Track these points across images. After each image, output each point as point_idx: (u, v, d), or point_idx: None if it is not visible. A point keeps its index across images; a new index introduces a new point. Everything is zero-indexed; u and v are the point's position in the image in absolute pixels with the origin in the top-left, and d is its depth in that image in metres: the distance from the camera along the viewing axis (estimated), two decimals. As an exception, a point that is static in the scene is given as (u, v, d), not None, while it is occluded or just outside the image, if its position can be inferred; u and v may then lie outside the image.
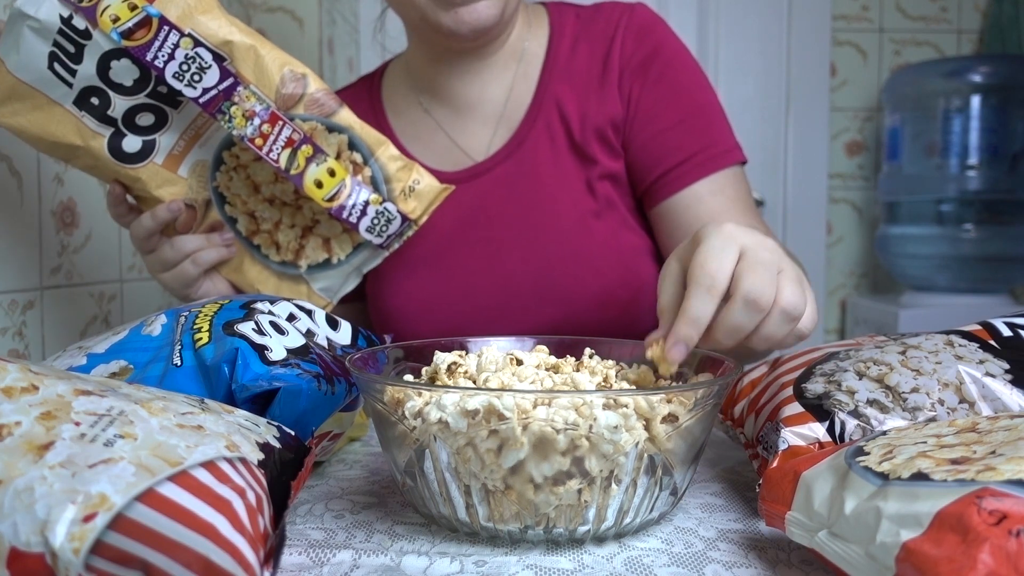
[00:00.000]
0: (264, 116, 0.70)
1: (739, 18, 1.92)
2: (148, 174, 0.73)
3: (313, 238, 0.79)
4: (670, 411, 0.43)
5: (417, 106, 0.91)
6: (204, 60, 0.68)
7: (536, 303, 0.85)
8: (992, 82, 1.70)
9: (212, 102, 0.69)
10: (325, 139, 0.73)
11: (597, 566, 0.41)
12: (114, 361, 0.54)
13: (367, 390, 0.46)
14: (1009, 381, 0.48)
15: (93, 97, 0.69)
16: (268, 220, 0.78)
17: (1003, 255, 1.73)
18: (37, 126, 0.69)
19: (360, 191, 0.74)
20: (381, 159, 0.75)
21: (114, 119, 0.70)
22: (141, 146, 0.72)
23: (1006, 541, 0.29)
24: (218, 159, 0.75)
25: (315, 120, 0.73)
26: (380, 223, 0.75)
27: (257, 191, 0.77)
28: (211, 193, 0.76)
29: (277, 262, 0.79)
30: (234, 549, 0.33)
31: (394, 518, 0.48)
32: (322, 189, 0.73)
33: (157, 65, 0.67)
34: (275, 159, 0.71)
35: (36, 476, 0.33)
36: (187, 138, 0.73)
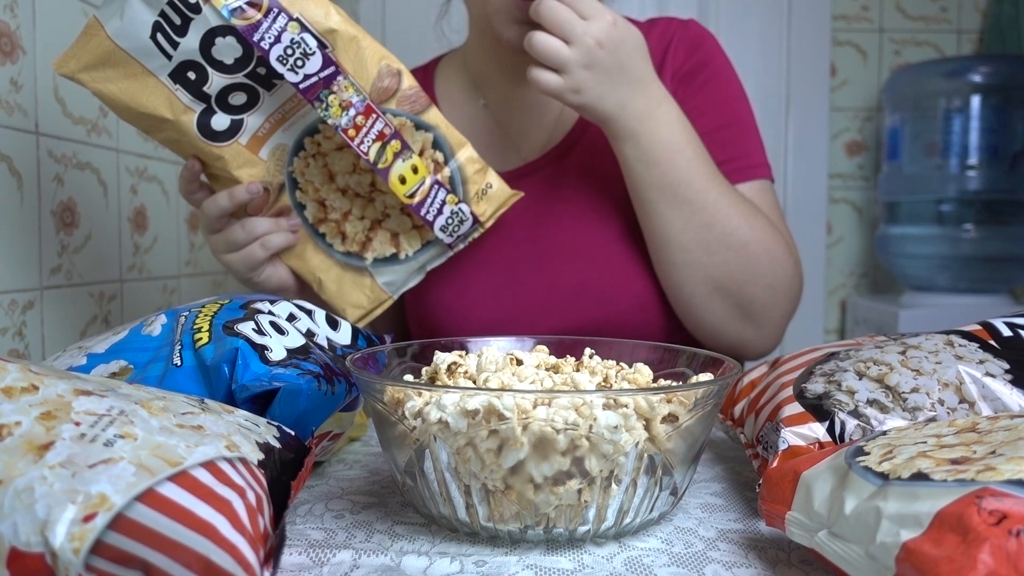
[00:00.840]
0: (360, 108, 0.71)
1: (739, 18, 1.92)
2: (231, 153, 0.73)
3: (382, 232, 0.80)
4: (670, 411, 0.43)
5: (474, 101, 0.93)
6: (308, 46, 0.68)
7: (579, 303, 0.86)
8: (992, 82, 1.70)
9: (312, 89, 0.70)
10: (412, 135, 0.75)
11: (597, 566, 0.41)
12: (114, 361, 0.54)
13: (367, 390, 0.46)
14: (1009, 381, 0.48)
15: (190, 72, 0.68)
16: (338, 210, 0.79)
17: (1003, 255, 1.73)
18: (127, 95, 0.69)
19: (439, 191, 0.76)
20: (460, 160, 0.77)
21: (208, 95, 0.70)
22: (229, 125, 0.72)
23: (1006, 541, 0.29)
24: (299, 144, 0.76)
25: (405, 116, 0.74)
26: (453, 223, 0.77)
27: (332, 180, 0.78)
28: (285, 177, 0.77)
29: (341, 252, 0.80)
30: (234, 549, 0.33)
31: (394, 518, 0.49)
32: (405, 185, 0.75)
33: (263, 47, 0.67)
34: (365, 151, 0.72)
35: (36, 476, 0.33)
36: (273, 120, 0.74)
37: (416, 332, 0.96)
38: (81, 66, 0.68)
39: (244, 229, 0.77)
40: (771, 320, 0.83)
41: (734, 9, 1.91)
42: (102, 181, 0.95)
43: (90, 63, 0.68)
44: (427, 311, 0.90)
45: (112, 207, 0.97)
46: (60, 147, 0.87)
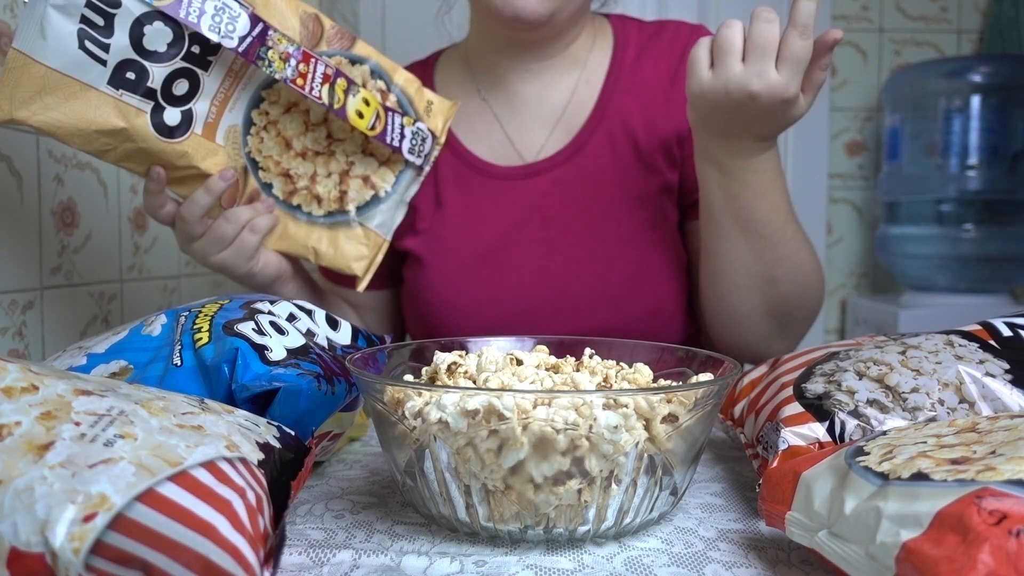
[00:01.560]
0: (298, 56, 0.71)
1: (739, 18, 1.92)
2: (192, 146, 0.72)
3: (353, 180, 0.80)
4: (670, 411, 0.43)
5: (475, 96, 0.93)
6: (232, 9, 0.68)
7: (587, 308, 0.86)
8: (992, 82, 1.70)
9: (250, 49, 0.69)
10: (351, 71, 0.76)
11: (597, 566, 0.41)
12: (114, 361, 0.54)
13: (367, 390, 0.46)
14: (1009, 381, 0.48)
15: (128, 72, 0.66)
16: (304, 176, 0.78)
17: (1003, 255, 1.73)
18: (74, 116, 0.65)
19: (393, 116, 0.77)
20: (400, 83, 0.79)
21: (153, 91, 0.68)
22: (181, 118, 0.71)
23: (1006, 541, 0.29)
24: (248, 121, 0.75)
25: (338, 55, 0.76)
26: (417, 142, 0.79)
27: (289, 147, 0.77)
28: (245, 159, 0.76)
29: (323, 215, 0.80)
30: (234, 549, 0.33)
31: (394, 518, 0.48)
32: (363, 119, 0.75)
33: (191, 21, 0.66)
34: (318, 96, 0.72)
35: (36, 476, 0.33)
36: (217, 103, 0.73)
37: (417, 334, 0.95)
38: (17, 103, 0.63)
39: (229, 221, 0.76)
40: (802, 333, 0.86)
41: (734, 9, 1.91)
42: (102, 181, 0.95)
43: (25, 97, 0.63)
44: (426, 307, 0.90)
45: (112, 207, 0.97)
46: (60, 147, 0.87)
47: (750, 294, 0.80)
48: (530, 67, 0.90)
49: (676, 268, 0.88)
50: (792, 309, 0.82)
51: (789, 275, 0.79)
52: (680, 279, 0.88)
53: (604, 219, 0.86)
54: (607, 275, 0.86)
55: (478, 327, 0.87)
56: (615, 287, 0.85)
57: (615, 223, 0.86)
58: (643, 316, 0.86)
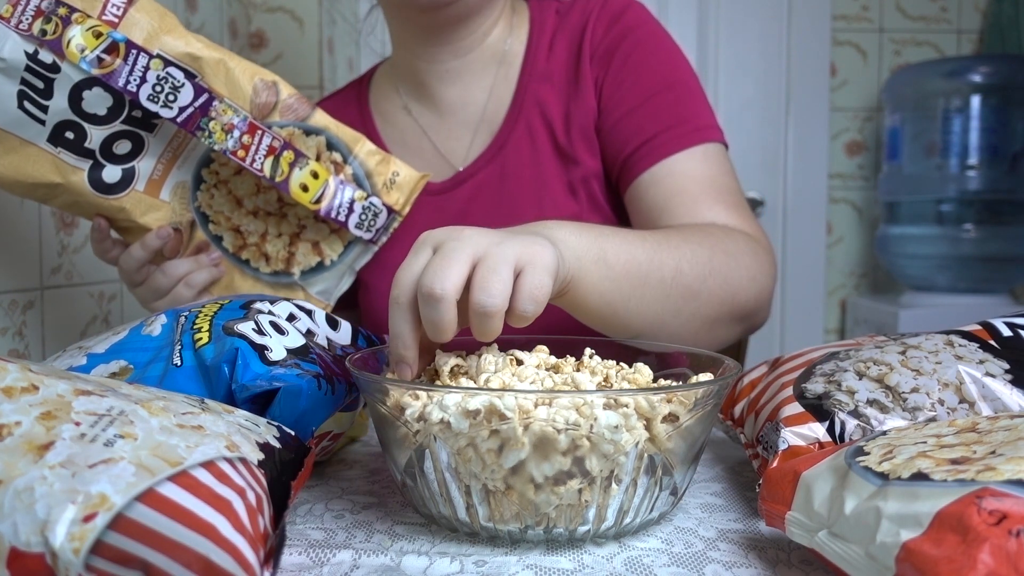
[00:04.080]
0: (243, 127, 0.70)
1: (739, 18, 1.92)
2: (132, 203, 0.72)
3: (302, 244, 0.79)
4: (670, 411, 0.43)
5: (402, 110, 0.90)
6: (176, 79, 0.68)
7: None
8: (992, 82, 1.70)
9: (190, 120, 0.69)
10: (304, 143, 0.74)
11: (597, 566, 0.41)
12: (114, 361, 0.54)
13: (368, 391, 0.46)
14: (1009, 381, 0.48)
15: (68, 131, 0.68)
16: (254, 233, 0.78)
17: (1003, 255, 1.73)
18: (13, 169, 0.67)
19: (344, 189, 0.75)
20: (360, 156, 0.76)
21: (91, 151, 0.69)
22: (121, 175, 0.71)
23: (1006, 541, 0.29)
24: (198, 178, 0.75)
25: (291, 125, 0.73)
26: (368, 218, 0.76)
27: (240, 205, 0.77)
28: (194, 213, 0.76)
29: (268, 273, 0.79)
30: (234, 549, 0.33)
31: (394, 518, 0.48)
32: (308, 192, 0.73)
33: (131, 90, 0.67)
34: (259, 168, 0.71)
35: (36, 476, 0.33)
36: (165, 161, 0.73)
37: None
38: None
39: (165, 275, 0.75)
40: (762, 307, 0.76)
41: (734, 9, 1.91)
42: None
43: None
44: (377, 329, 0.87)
45: (112, 207, 0.97)
46: (60, 147, 0.87)
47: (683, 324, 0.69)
48: (448, 67, 0.85)
49: None
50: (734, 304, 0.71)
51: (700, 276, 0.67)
52: None
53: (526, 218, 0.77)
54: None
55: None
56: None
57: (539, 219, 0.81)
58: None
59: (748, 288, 0.73)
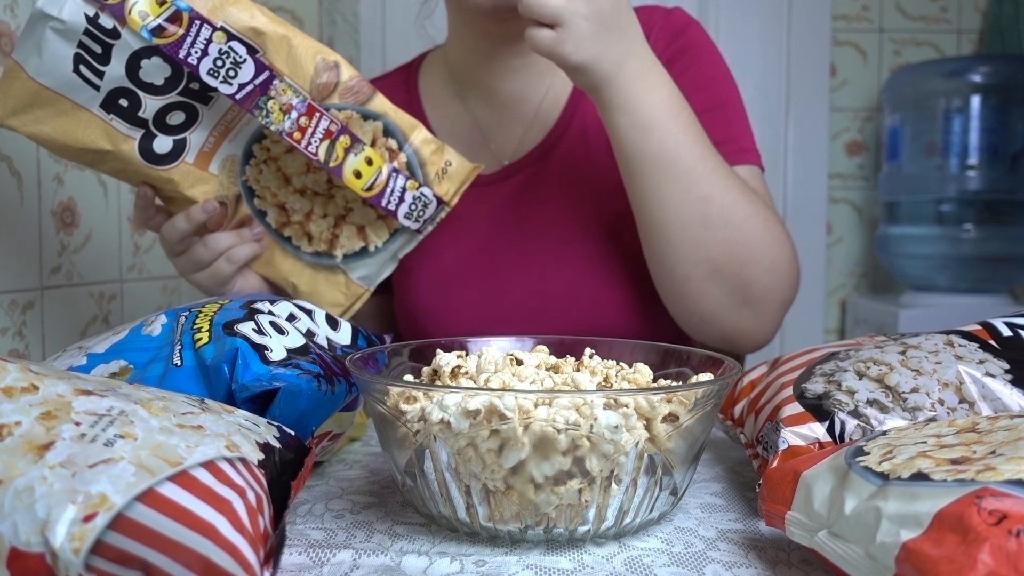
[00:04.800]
0: (301, 109, 0.68)
1: (739, 18, 1.91)
2: (180, 174, 0.71)
3: (347, 227, 0.78)
4: (670, 411, 0.43)
5: (455, 98, 0.91)
6: (239, 54, 0.65)
7: (565, 307, 0.85)
8: (992, 82, 1.70)
9: (248, 98, 0.67)
10: (360, 127, 0.72)
11: (597, 566, 0.41)
12: (114, 361, 0.54)
13: (367, 391, 0.46)
14: (1009, 381, 0.48)
15: (122, 99, 0.66)
16: (299, 211, 0.77)
17: (1003, 255, 1.73)
18: (62, 133, 0.66)
19: (397, 178, 0.74)
20: (415, 143, 0.75)
21: (145, 120, 0.67)
22: (172, 146, 0.70)
23: (1006, 541, 0.29)
24: (248, 153, 0.74)
25: (350, 109, 0.71)
26: (417, 208, 0.76)
27: (288, 183, 0.76)
28: (240, 187, 0.75)
29: (310, 253, 0.78)
30: (234, 549, 0.33)
31: (394, 518, 0.48)
32: (361, 179, 0.72)
33: (191, 62, 0.64)
34: (314, 152, 0.70)
35: (36, 476, 0.33)
36: (217, 134, 0.71)
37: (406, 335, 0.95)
38: (8, 111, 0.65)
39: (207, 247, 0.75)
40: (771, 306, 0.78)
41: (734, 9, 1.91)
42: (102, 181, 0.95)
43: (17, 107, 0.65)
44: (412, 314, 0.89)
45: (112, 207, 0.97)
46: (60, 147, 0.87)
47: (685, 248, 0.74)
48: (508, 64, 0.88)
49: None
50: (744, 265, 0.74)
51: (721, 216, 0.73)
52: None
53: (577, 216, 0.85)
54: (581, 274, 0.84)
55: (459, 330, 0.86)
56: (588, 285, 0.84)
57: (588, 220, 0.85)
58: (619, 315, 0.84)
59: (763, 275, 0.76)
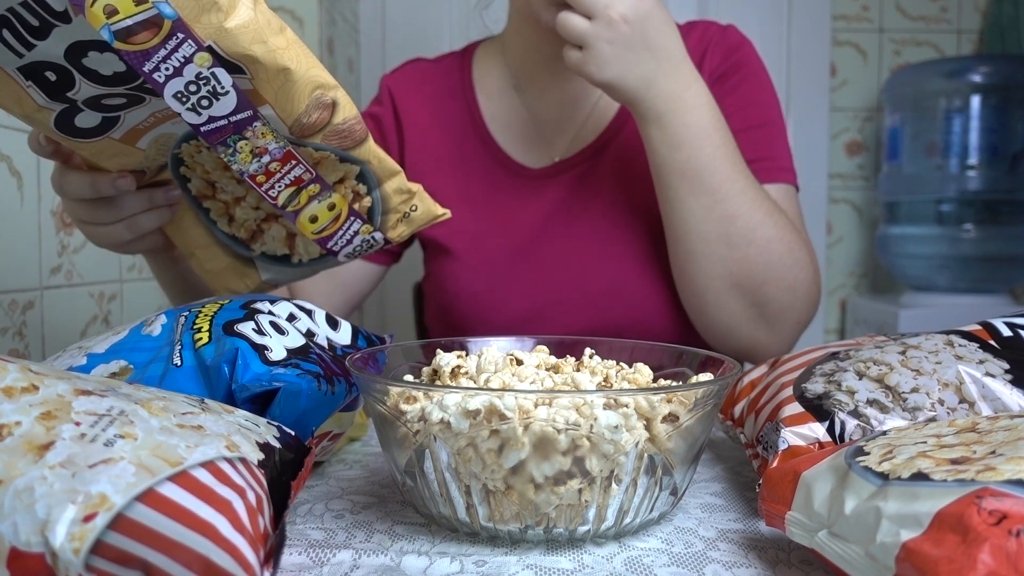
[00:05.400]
0: (277, 155, 0.58)
1: (739, 18, 1.91)
2: (98, 148, 0.59)
3: (276, 227, 0.69)
4: (670, 411, 0.43)
5: (511, 91, 0.93)
6: (220, 85, 0.52)
7: (609, 304, 0.86)
8: (992, 82, 1.70)
9: (216, 133, 0.55)
10: (333, 167, 0.62)
11: (597, 566, 0.41)
12: (114, 361, 0.54)
13: (367, 391, 0.46)
14: (1009, 381, 0.48)
15: (50, 72, 0.52)
16: (229, 193, 0.67)
17: (1003, 255, 1.73)
18: None
19: (353, 222, 0.66)
20: (387, 190, 0.65)
21: (72, 100, 0.54)
22: (100, 122, 0.56)
23: (1006, 541, 0.29)
24: (191, 136, 0.60)
25: (329, 150, 0.60)
26: (362, 248, 0.69)
27: (227, 168, 0.63)
28: (169, 159, 0.63)
29: (226, 233, 0.69)
30: (234, 549, 0.33)
31: (394, 518, 0.49)
32: (315, 223, 0.65)
33: (155, 79, 0.51)
34: (274, 196, 0.61)
35: (36, 476, 0.33)
36: (160, 115, 0.57)
37: (436, 323, 0.95)
38: None
39: (110, 210, 0.66)
40: (787, 324, 0.81)
41: (734, 9, 1.91)
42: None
43: None
44: (456, 299, 0.90)
45: (112, 207, 0.97)
46: (60, 147, 0.87)
47: (705, 261, 0.77)
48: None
49: None
50: (763, 283, 0.78)
51: (743, 236, 0.76)
52: None
53: (624, 216, 0.87)
54: (628, 270, 0.86)
55: (504, 321, 0.87)
56: (637, 283, 0.86)
57: (635, 220, 0.87)
58: (663, 311, 0.86)
59: (782, 294, 0.79)
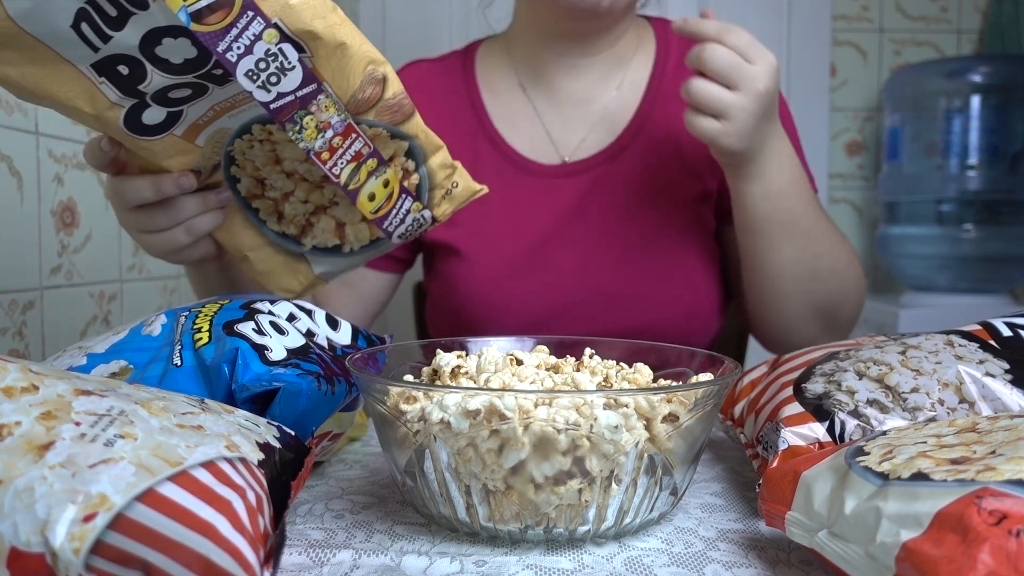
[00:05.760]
0: (339, 129, 0.60)
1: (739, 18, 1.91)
2: (162, 147, 0.61)
3: (325, 219, 0.70)
4: (670, 411, 0.43)
5: (517, 89, 0.93)
6: (287, 60, 0.54)
7: (625, 308, 0.87)
8: (992, 82, 1.70)
9: (285, 109, 0.57)
10: (386, 144, 0.64)
11: (597, 566, 0.41)
12: (114, 361, 0.54)
13: (367, 391, 0.46)
14: (1009, 381, 0.48)
15: (123, 66, 0.54)
16: (278, 189, 0.69)
17: (1003, 255, 1.73)
18: (32, 82, 0.55)
19: (405, 200, 0.68)
20: (432, 165, 0.67)
21: (143, 93, 0.56)
22: (165, 117, 0.59)
23: (1006, 541, 0.29)
24: (245, 128, 0.64)
25: (382, 127, 0.63)
26: (412, 229, 0.71)
27: (278, 163, 0.67)
28: (222, 157, 0.66)
29: (276, 231, 0.71)
30: (234, 549, 0.33)
31: (394, 518, 0.49)
32: (373, 202, 0.66)
33: (229, 59, 0.53)
34: (337, 174, 0.62)
35: (36, 476, 0.33)
36: (219, 108, 0.61)
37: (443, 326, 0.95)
38: None
39: (168, 214, 0.66)
40: (848, 327, 0.88)
41: (734, 9, 1.91)
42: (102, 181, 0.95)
43: None
44: (468, 307, 0.89)
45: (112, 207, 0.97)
46: (60, 147, 0.87)
47: (796, 296, 0.82)
48: (576, 62, 0.90)
49: (711, 272, 0.89)
50: (837, 304, 0.84)
51: (830, 269, 0.82)
52: (715, 283, 0.89)
53: (644, 222, 0.87)
54: (645, 277, 0.86)
55: (515, 324, 0.87)
56: (652, 290, 0.86)
57: (655, 226, 0.87)
58: (678, 318, 0.87)
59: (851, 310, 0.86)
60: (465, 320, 0.89)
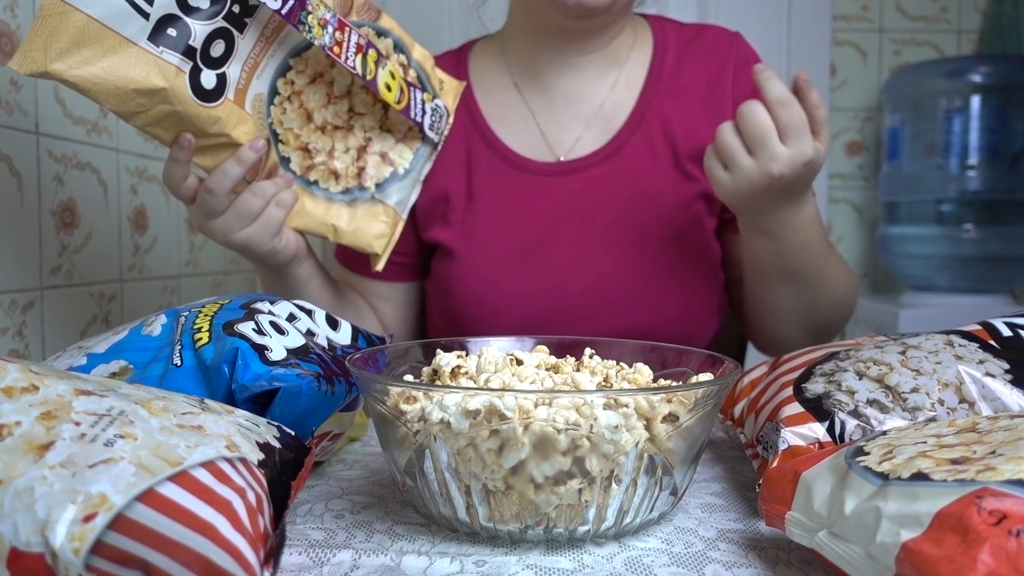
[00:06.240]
0: (334, 23, 0.70)
1: (739, 18, 1.91)
2: (226, 112, 0.69)
3: (371, 156, 0.79)
4: (670, 411, 0.43)
5: (511, 88, 0.92)
6: None
7: (620, 309, 0.86)
8: (992, 82, 1.70)
9: (292, 12, 0.67)
10: (377, 43, 0.74)
11: (597, 566, 0.41)
12: (114, 361, 0.54)
13: (367, 391, 0.46)
14: (1009, 381, 0.48)
15: (170, 28, 0.63)
16: (322, 151, 0.77)
17: (1003, 255, 1.73)
18: (113, 72, 0.61)
19: (415, 91, 0.76)
20: (417, 58, 0.78)
21: (194, 50, 0.65)
22: (216, 81, 0.68)
23: (1006, 541, 0.29)
24: (273, 90, 0.73)
25: (367, 25, 0.74)
26: (436, 119, 0.78)
27: (310, 119, 0.76)
28: (268, 132, 0.74)
29: (340, 191, 0.78)
30: (234, 549, 0.33)
31: (394, 518, 0.49)
32: (391, 92, 0.74)
33: None
34: (352, 66, 0.71)
35: (36, 476, 0.33)
36: (248, 68, 0.71)
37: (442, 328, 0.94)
38: (51, 56, 0.58)
39: (255, 194, 0.72)
40: (836, 333, 0.91)
41: (734, 9, 1.91)
42: (102, 181, 0.95)
43: (60, 50, 0.58)
44: (462, 308, 0.89)
45: (112, 207, 0.97)
46: (60, 147, 0.87)
47: (792, 325, 0.86)
48: (571, 61, 0.89)
49: (709, 273, 0.88)
50: (832, 324, 0.88)
51: (829, 303, 0.85)
52: (713, 284, 0.89)
53: (641, 222, 0.87)
54: (641, 278, 0.86)
55: (510, 325, 0.86)
56: (649, 290, 0.86)
57: (651, 226, 0.87)
58: (675, 319, 0.86)
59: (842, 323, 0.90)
60: (461, 322, 0.89)
